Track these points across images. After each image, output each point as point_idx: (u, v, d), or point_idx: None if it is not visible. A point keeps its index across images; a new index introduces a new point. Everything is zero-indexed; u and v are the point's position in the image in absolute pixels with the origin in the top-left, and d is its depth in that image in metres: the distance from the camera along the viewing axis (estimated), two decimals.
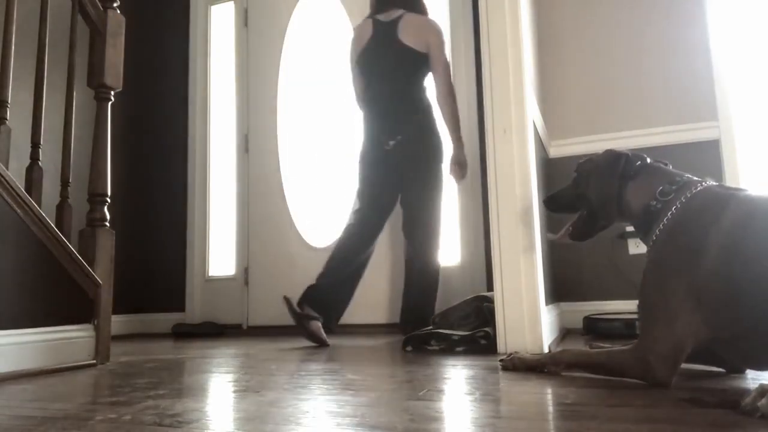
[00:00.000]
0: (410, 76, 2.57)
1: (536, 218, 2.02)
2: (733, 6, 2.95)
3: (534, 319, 1.92)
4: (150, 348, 2.61)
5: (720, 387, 1.24)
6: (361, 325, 3.29)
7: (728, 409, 0.98)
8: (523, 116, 2.03)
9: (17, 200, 1.78)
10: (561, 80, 3.18)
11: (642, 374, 1.26)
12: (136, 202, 3.92)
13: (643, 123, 2.98)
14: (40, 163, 2.03)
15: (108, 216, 2.15)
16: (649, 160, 1.49)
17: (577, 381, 1.34)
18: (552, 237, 1.79)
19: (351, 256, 2.53)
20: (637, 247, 2.85)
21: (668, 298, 1.25)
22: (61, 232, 1.95)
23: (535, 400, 1.16)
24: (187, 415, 1.11)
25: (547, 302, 2.19)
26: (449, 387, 1.34)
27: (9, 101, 1.95)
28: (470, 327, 2.13)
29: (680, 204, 1.32)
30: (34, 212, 1.83)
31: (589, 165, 1.61)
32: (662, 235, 1.33)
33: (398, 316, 2.75)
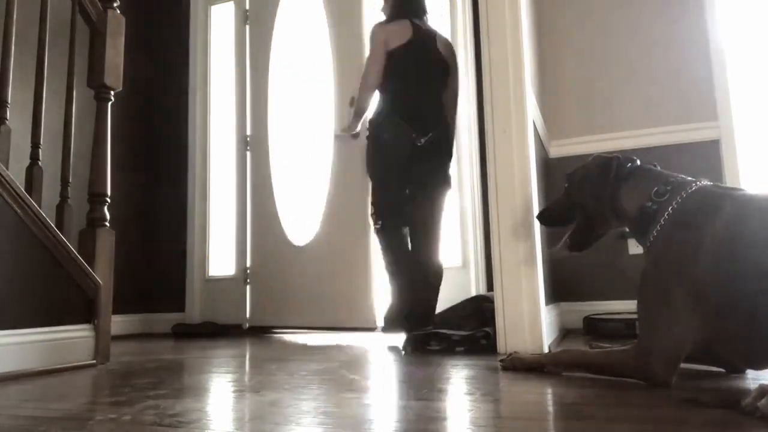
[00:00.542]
0: (441, 84, 2.76)
1: (536, 218, 2.02)
2: (733, 6, 2.95)
3: (534, 319, 1.92)
4: (150, 348, 2.61)
5: (720, 387, 1.24)
6: (361, 327, 3.29)
7: (728, 409, 0.98)
8: (523, 116, 2.03)
9: (17, 200, 1.78)
10: (561, 80, 3.18)
11: (642, 374, 1.26)
12: (136, 202, 3.92)
13: (643, 123, 2.98)
14: (40, 163, 2.03)
15: (108, 216, 2.15)
16: (638, 162, 1.49)
17: (577, 381, 1.35)
18: (551, 252, 1.79)
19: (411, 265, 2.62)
20: (636, 247, 2.85)
21: (667, 299, 1.25)
22: (61, 232, 1.95)
23: (535, 400, 1.17)
24: (187, 415, 1.11)
25: (547, 302, 2.19)
26: (449, 387, 1.34)
27: (9, 101, 1.95)
28: (470, 327, 2.13)
29: (676, 204, 1.32)
30: (34, 212, 1.83)
31: (580, 172, 1.61)
32: (659, 236, 1.33)
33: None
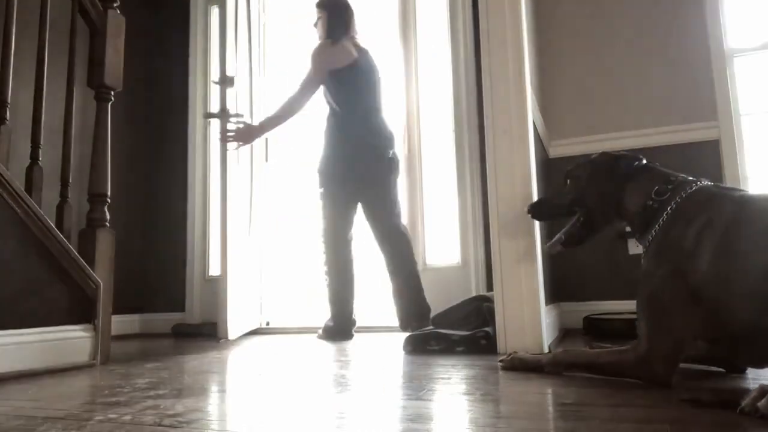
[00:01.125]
0: (382, 97, 2.94)
1: (532, 218, 2.02)
2: (732, 6, 2.94)
3: (534, 319, 1.92)
4: (150, 348, 2.61)
5: (720, 387, 1.24)
6: (360, 327, 3.29)
7: (728, 409, 0.98)
8: (523, 116, 2.03)
9: (17, 200, 1.78)
10: (561, 80, 3.18)
11: (642, 374, 1.26)
12: (135, 202, 3.92)
13: (643, 123, 2.98)
14: (40, 163, 2.03)
15: (108, 216, 2.15)
16: (645, 161, 1.49)
17: (577, 381, 1.35)
18: (546, 247, 1.78)
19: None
20: (637, 247, 2.85)
21: (666, 298, 1.25)
22: (61, 232, 1.95)
23: (535, 400, 1.17)
24: (187, 415, 1.11)
25: (547, 302, 2.19)
26: (449, 387, 1.34)
27: (9, 101, 1.95)
28: (470, 327, 2.13)
29: (676, 204, 1.32)
30: (34, 212, 1.83)
31: (585, 168, 1.59)
32: (659, 235, 1.33)
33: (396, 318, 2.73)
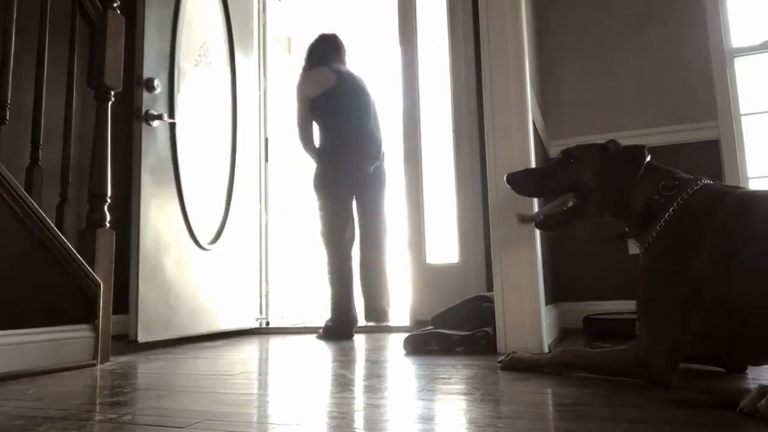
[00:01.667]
0: (373, 116, 3.11)
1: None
2: (732, 6, 2.94)
3: (534, 319, 1.92)
4: (149, 348, 2.61)
5: (720, 387, 1.24)
6: (360, 327, 3.29)
7: (728, 409, 0.98)
8: (523, 116, 2.03)
9: (17, 200, 1.78)
10: (561, 80, 3.18)
11: (642, 374, 1.26)
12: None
13: (643, 123, 2.98)
14: (40, 163, 2.03)
15: (108, 216, 2.15)
16: (649, 156, 1.47)
17: (577, 381, 1.35)
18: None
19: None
20: (637, 247, 2.85)
21: (666, 297, 1.25)
22: (61, 232, 1.95)
23: (535, 400, 1.17)
24: (187, 415, 1.11)
25: (547, 302, 2.19)
26: (449, 387, 1.34)
27: (9, 101, 1.95)
28: (470, 327, 2.13)
29: (681, 201, 1.31)
30: (34, 212, 1.83)
31: (595, 153, 1.48)
32: (661, 233, 1.33)
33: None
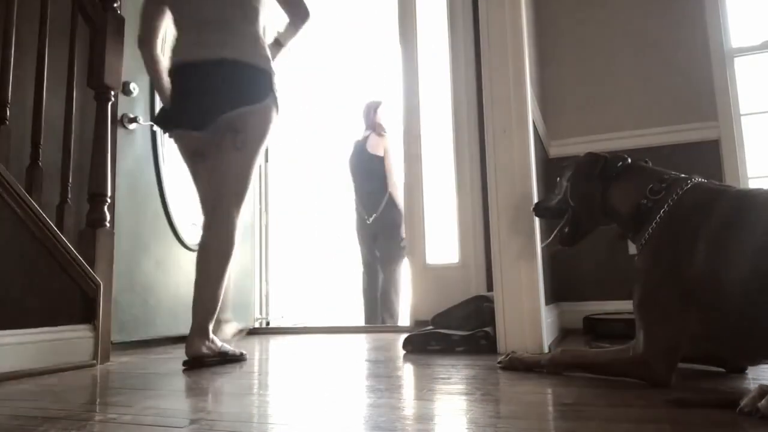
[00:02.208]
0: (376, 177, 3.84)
1: (536, 218, 2.02)
2: (732, 6, 2.94)
3: (534, 319, 1.92)
4: (150, 348, 2.61)
5: (720, 387, 1.24)
6: (361, 327, 3.29)
7: (727, 409, 0.98)
8: (523, 116, 2.03)
9: (17, 200, 1.78)
10: (561, 80, 3.17)
11: (640, 374, 1.26)
12: None
13: (643, 123, 2.98)
14: (40, 163, 2.03)
15: (108, 216, 2.15)
16: (630, 161, 1.47)
17: (577, 381, 1.34)
18: (544, 245, 1.79)
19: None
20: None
21: (662, 297, 1.24)
22: (61, 232, 1.95)
23: (535, 400, 1.17)
24: (187, 415, 1.11)
25: (547, 302, 2.19)
26: (449, 387, 1.34)
27: (9, 101, 1.95)
28: (470, 327, 2.13)
29: (671, 202, 1.31)
30: (34, 212, 1.83)
31: (570, 168, 1.59)
32: (654, 233, 1.33)
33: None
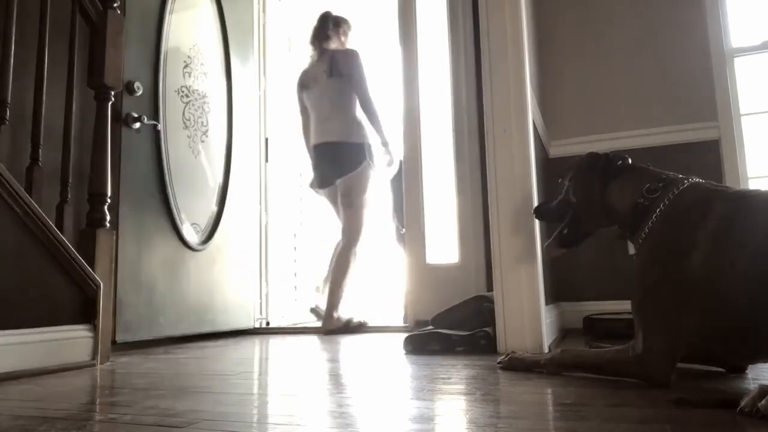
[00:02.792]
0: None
1: (536, 218, 2.02)
2: (732, 6, 2.94)
3: (534, 319, 1.92)
4: (150, 348, 2.61)
5: (720, 387, 1.24)
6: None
7: (727, 409, 0.98)
8: (523, 116, 2.03)
9: (17, 200, 1.78)
10: (561, 80, 3.18)
11: (640, 374, 1.26)
12: None
13: (643, 123, 2.98)
14: (39, 163, 2.03)
15: (108, 216, 2.15)
16: (630, 161, 1.48)
17: (577, 381, 1.35)
18: (545, 248, 1.79)
19: None
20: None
21: (660, 297, 1.24)
22: (61, 232, 1.95)
23: (535, 400, 1.17)
24: (187, 415, 1.11)
25: (547, 302, 2.19)
26: (449, 387, 1.34)
27: (9, 101, 1.95)
28: (470, 327, 2.13)
29: (667, 201, 1.31)
30: (34, 212, 1.83)
31: (571, 169, 1.60)
32: (651, 233, 1.33)
33: (402, 318, 2.81)
